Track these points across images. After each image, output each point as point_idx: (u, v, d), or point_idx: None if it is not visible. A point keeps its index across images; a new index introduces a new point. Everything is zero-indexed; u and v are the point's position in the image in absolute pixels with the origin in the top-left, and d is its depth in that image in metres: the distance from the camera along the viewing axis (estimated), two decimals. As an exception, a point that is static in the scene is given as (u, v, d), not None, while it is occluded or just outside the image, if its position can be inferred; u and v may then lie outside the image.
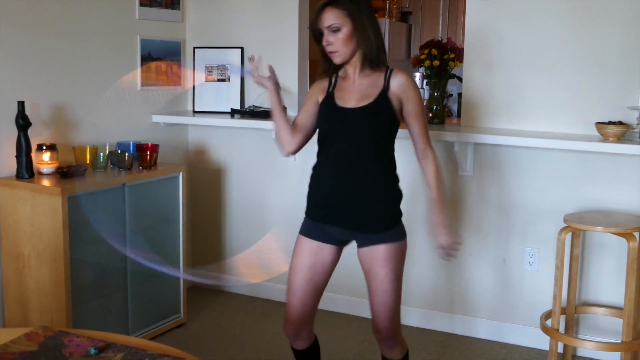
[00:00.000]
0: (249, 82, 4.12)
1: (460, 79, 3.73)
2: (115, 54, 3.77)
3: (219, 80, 4.15)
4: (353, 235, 2.45)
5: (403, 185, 2.52)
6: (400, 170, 2.54)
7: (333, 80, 2.47)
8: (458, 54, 3.68)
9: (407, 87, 2.38)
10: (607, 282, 3.40)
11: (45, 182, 3.10)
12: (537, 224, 3.51)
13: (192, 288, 4.31)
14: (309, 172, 2.55)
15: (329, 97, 2.44)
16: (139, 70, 3.90)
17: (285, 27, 3.96)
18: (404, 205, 2.50)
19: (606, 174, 3.34)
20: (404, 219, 2.50)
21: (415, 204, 3.76)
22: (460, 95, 3.86)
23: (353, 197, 2.39)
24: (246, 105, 4.13)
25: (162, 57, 4.05)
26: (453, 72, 3.82)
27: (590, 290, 3.45)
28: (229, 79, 4.14)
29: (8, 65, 3.19)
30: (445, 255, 2.46)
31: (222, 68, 4.13)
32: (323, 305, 3.95)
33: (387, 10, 6.43)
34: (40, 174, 3.22)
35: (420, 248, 3.72)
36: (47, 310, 3.10)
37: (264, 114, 3.86)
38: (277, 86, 2.53)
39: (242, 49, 4.11)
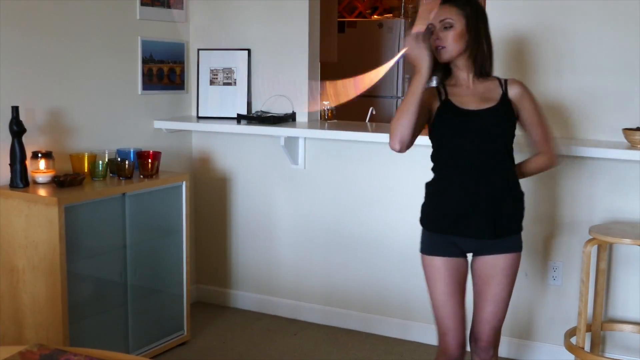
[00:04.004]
0: (256, 86, 4.08)
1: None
2: (115, 56, 3.74)
3: (224, 84, 4.10)
4: (484, 242, 2.46)
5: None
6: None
7: (442, 90, 2.49)
8: (476, 56, 3.59)
9: (523, 95, 2.49)
10: (635, 298, 3.34)
11: (41, 192, 3.08)
12: (561, 236, 3.45)
13: (196, 304, 4.25)
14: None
15: (447, 102, 2.45)
16: (140, 73, 3.86)
17: (294, 27, 3.91)
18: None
19: (634, 183, 3.27)
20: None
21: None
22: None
23: (490, 201, 2.42)
24: (253, 111, 4.08)
25: (165, 59, 4.03)
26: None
27: (617, 306, 3.39)
28: (235, 82, 4.09)
29: (1, 68, 3.15)
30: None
31: (228, 71, 4.09)
32: (335, 322, 3.94)
33: (402, 10, 6.40)
34: (36, 183, 3.20)
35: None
36: (43, 327, 3.06)
37: (272, 120, 3.83)
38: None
39: (249, 50, 4.06)
